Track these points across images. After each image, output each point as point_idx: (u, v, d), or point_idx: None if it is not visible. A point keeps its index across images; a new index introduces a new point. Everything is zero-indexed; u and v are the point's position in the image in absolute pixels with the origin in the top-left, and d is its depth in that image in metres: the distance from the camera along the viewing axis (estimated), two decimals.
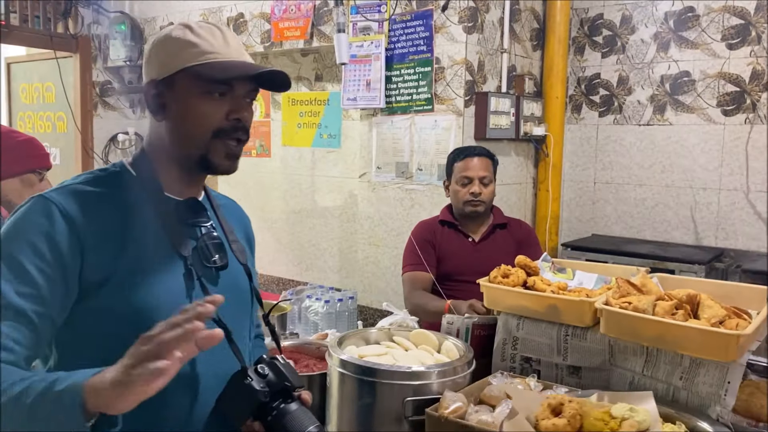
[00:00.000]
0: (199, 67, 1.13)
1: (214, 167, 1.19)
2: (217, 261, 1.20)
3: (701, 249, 3.53)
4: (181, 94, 1.15)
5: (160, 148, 1.21)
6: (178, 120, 1.17)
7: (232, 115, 1.16)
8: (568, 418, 1.18)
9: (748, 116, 3.47)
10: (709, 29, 3.55)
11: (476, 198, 2.52)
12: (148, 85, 1.17)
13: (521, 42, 3.68)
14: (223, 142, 1.16)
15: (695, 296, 1.61)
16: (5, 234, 1.05)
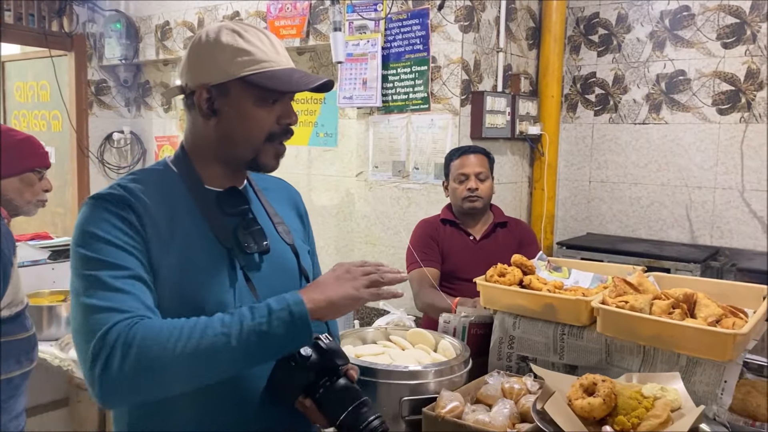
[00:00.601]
0: (257, 76, 1.16)
1: (263, 167, 1.25)
2: (256, 248, 1.24)
3: (697, 248, 3.54)
4: (236, 101, 1.18)
5: (204, 147, 1.25)
6: (232, 124, 1.20)
7: (283, 120, 1.22)
8: (603, 396, 1.19)
9: (743, 115, 3.48)
10: (704, 28, 3.56)
11: (473, 194, 2.56)
12: (200, 89, 1.19)
13: (517, 41, 3.68)
14: (273, 145, 1.23)
15: (692, 295, 1.62)
16: (90, 224, 1.10)
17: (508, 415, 1.49)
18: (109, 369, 0.98)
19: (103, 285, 1.05)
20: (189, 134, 1.27)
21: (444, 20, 3.21)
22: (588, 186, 4.04)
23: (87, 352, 1.00)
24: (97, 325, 1.01)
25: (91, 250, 1.08)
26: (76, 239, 1.11)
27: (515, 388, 1.61)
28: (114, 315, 1.02)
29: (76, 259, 1.09)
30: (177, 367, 1.00)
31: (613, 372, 1.66)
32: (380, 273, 1.14)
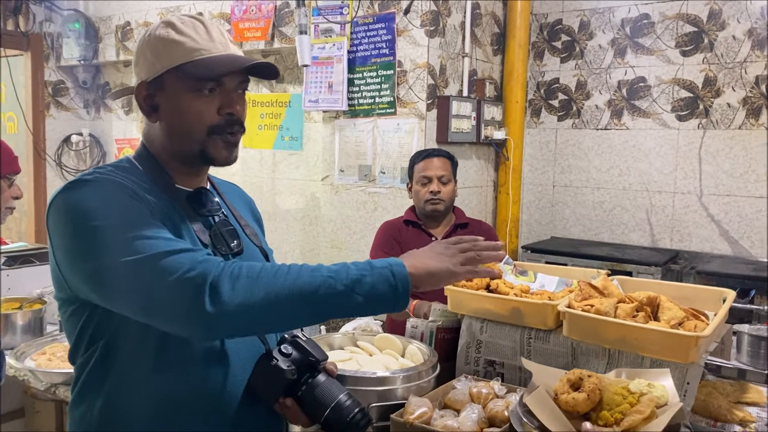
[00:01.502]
0: (186, 65, 1.12)
1: (215, 161, 1.20)
2: (233, 248, 1.22)
3: (657, 251, 3.61)
4: (171, 94, 1.15)
5: (160, 146, 1.21)
6: (172, 120, 1.17)
7: (224, 110, 1.16)
8: (588, 392, 1.19)
9: (701, 121, 3.57)
10: (663, 36, 3.64)
11: (435, 196, 2.57)
12: (139, 87, 1.17)
13: (482, 46, 3.71)
14: (221, 138, 1.17)
15: (655, 298, 1.64)
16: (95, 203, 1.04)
17: (477, 420, 1.48)
18: (220, 299, 0.95)
19: (157, 236, 1.01)
20: (145, 133, 1.24)
21: (410, 24, 3.22)
22: (552, 190, 4.09)
23: (178, 290, 0.96)
24: (179, 264, 0.97)
25: (112, 218, 1.02)
26: (82, 218, 1.02)
27: (483, 392, 1.61)
28: (196, 253, 1.00)
29: (97, 236, 1.01)
30: (288, 302, 0.98)
31: None
32: (476, 251, 1.14)
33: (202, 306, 0.94)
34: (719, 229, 3.55)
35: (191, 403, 1.12)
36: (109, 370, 1.09)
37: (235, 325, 0.99)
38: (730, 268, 3.13)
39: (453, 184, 2.63)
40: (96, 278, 1.02)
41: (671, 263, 3.43)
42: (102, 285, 1.02)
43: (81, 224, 1.03)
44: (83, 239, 1.03)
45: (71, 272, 1.05)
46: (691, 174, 3.62)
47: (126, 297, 1.01)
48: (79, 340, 1.11)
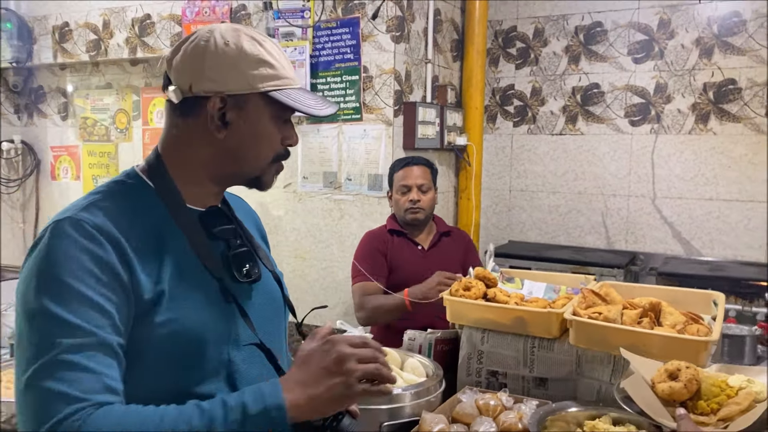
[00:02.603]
0: (279, 93, 1.08)
1: (265, 186, 1.16)
2: (252, 274, 1.14)
3: (615, 253, 3.70)
4: (252, 115, 1.09)
5: (196, 161, 1.10)
6: (243, 140, 1.10)
7: (287, 141, 1.15)
8: (685, 381, 1.18)
9: (653, 126, 3.68)
10: (616, 44, 3.75)
11: (415, 205, 2.56)
12: (214, 98, 1.06)
13: (443, 52, 3.71)
14: (277, 166, 1.16)
15: (657, 304, 1.66)
16: (54, 266, 0.93)
17: None
18: None
19: (59, 358, 0.88)
20: (175, 144, 1.11)
21: (375, 30, 3.17)
22: (509, 195, 4.14)
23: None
24: (44, 414, 0.86)
25: (55, 303, 0.91)
26: (39, 281, 0.93)
27: (491, 404, 1.58)
28: (65, 406, 0.86)
29: (35, 307, 0.92)
30: None
31: (583, 383, 1.67)
32: (378, 365, 0.98)
33: None
34: (672, 230, 3.68)
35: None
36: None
37: None
38: (688, 269, 3.24)
39: (433, 192, 2.63)
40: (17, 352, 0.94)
41: (630, 265, 3.53)
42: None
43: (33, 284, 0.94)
44: (28, 298, 0.94)
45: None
46: (645, 177, 3.73)
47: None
48: None
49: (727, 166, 3.50)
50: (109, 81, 4.38)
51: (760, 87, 3.38)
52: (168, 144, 1.12)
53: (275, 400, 0.91)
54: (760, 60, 3.37)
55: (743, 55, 3.41)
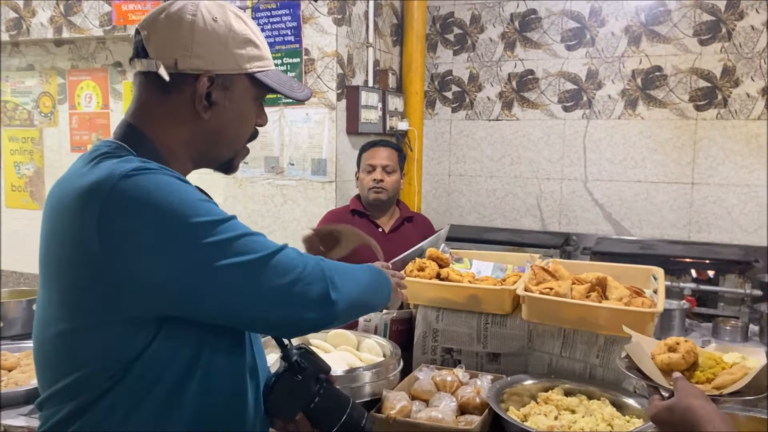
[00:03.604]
0: (264, 75, 1.07)
1: (233, 169, 1.15)
2: None
3: (550, 234, 3.83)
4: (238, 96, 1.06)
5: (178, 141, 1.04)
6: (227, 122, 1.06)
7: (258, 122, 1.13)
8: (683, 353, 1.24)
9: (584, 112, 3.82)
10: (550, 31, 3.85)
11: (378, 185, 2.58)
12: (203, 77, 1.01)
13: (383, 37, 3.71)
14: (247, 147, 1.15)
15: (604, 279, 1.73)
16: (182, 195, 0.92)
17: (455, 409, 1.49)
18: (337, 290, 1.03)
19: (249, 234, 0.96)
20: (155, 120, 1.03)
21: (317, 12, 3.14)
22: (448, 180, 4.20)
23: (303, 285, 0.98)
24: (293, 261, 0.99)
25: (207, 214, 0.92)
26: (178, 215, 0.90)
27: (448, 380, 1.62)
28: (294, 249, 1.02)
29: (198, 235, 0.90)
30: (367, 292, 1.17)
31: (534, 357, 1.73)
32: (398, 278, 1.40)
33: (328, 297, 1.01)
34: (603, 212, 3.83)
35: (228, 421, 1.02)
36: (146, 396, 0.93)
37: (345, 315, 1.07)
38: (619, 248, 3.39)
39: (398, 175, 2.65)
40: (193, 281, 0.90)
41: (565, 245, 3.66)
42: (198, 289, 0.91)
43: (176, 220, 0.90)
44: (181, 237, 0.90)
45: (148, 277, 0.89)
46: (577, 161, 3.87)
47: (232, 301, 0.93)
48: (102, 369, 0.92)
49: (653, 149, 3.67)
50: (31, 62, 4.16)
51: (684, 74, 3.56)
52: (145, 119, 1.04)
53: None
54: (684, 48, 3.55)
55: (668, 43, 3.58)
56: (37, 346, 1.00)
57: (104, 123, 4.07)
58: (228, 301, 0.93)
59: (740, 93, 3.46)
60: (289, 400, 1.09)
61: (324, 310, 1.00)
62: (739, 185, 3.51)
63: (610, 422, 1.43)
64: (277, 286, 0.95)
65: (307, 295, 0.98)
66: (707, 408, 0.98)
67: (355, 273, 1.14)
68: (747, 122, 3.46)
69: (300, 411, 1.11)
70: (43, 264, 0.97)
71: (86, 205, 0.89)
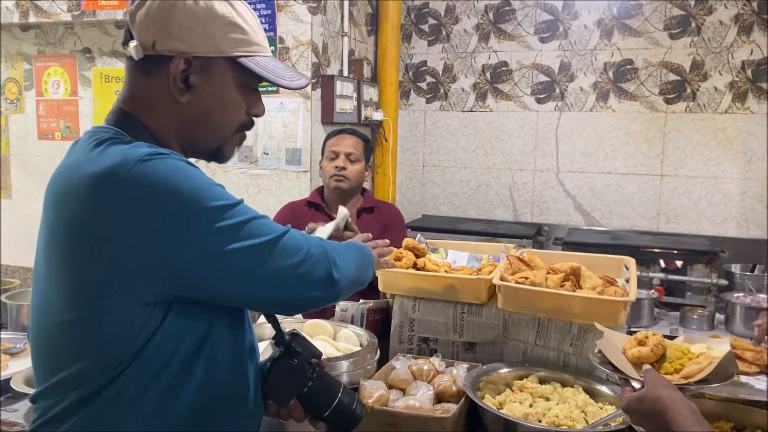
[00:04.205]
0: (250, 60, 1.04)
1: (224, 158, 1.13)
2: None
3: (523, 225, 3.87)
4: (218, 81, 1.04)
5: (166, 126, 1.04)
6: (208, 107, 1.05)
7: (252, 111, 1.11)
8: (652, 346, 1.30)
9: (557, 104, 3.86)
10: (523, 23, 3.88)
11: (340, 173, 2.49)
12: (178, 58, 1.00)
13: (358, 26, 3.70)
14: (239, 136, 1.13)
15: (578, 268, 1.75)
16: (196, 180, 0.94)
17: (432, 397, 1.50)
18: (339, 269, 1.06)
19: (258, 218, 0.98)
20: (142, 104, 1.03)
21: (291, 0, 3.11)
22: (422, 170, 4.21)
23: (310, 266, 1.02)
24: (298, 243, 1.02)
25: (221, 198, 0.95)
26: (194, 199, 0.91)
27: (425, 369, 1.63)
28: (297, 231, 1.05)
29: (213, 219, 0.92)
30: (362, 268, 1.20)
31: (510, 345, 1.75)
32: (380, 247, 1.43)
33: (332, 276, 1.05)
34: (574, 202, 3.89)
35: (228, 403, 1.03)
36: (153, 380, 0.94)
37: (345, 292, 1.12)
38: (590, 238, 3.44)
39: (362, 164, 2.56)
40: (207, 264, 0.93)
41: (538, 236, 3.70)
42: (213, 271, 0.94)
43: (192, 204, 0.91)
44: (197, 221, 0.91)
45: (163, 261, 0.90)
46: (549, 153, 3.92)
47: (246, 282, 0.97)
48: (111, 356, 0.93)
49: (624, 141, 3.73)
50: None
51: (654, 67, 3.62)
52: (134, 103, 1.04)
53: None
54: (655, 42, 3.60)
55: (640, 36, 3.63)
56: (37, 335, 1.00)
57: (73, 110, 3.99)
58: (240, 284, 0.96)
59: (708, 87, 3.53)
60: (285, 383, 1.11)
61: (329, 288, 1.05)
62: (706, 177, 3.59)
63: (583, 409, 1.46)
64: (285, 267, 0.99)
65: (313, 275, 1.02)
66: (674, 396, 1.04)
67: (347, 251, 1.16)
68: (715, 116, 3.53)
69: (294, 396, 1.12)
70: (47, 252, 0.96)
71: (101, 190, 0.90)
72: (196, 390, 0.97)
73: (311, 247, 1.04)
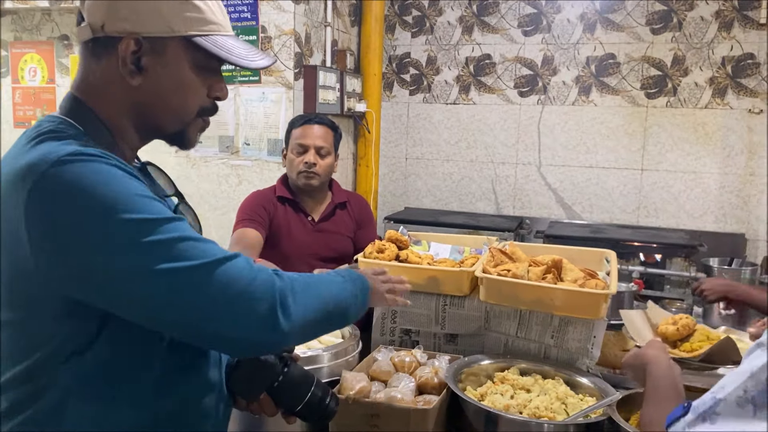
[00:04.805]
0: (206, 40, 0.99)
1: (188, 143, 1.07)
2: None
3: (505, 218, 3.88)
4: (172, 62, 0.99)
5: (118, 111, 1.00)
6: (162, 89, 1.00)
7: (214, 93, 1.06)
8: (679, 326, 1.49)
9: (540, 97, 3.87)
10: (507, 16, 3.87)
11: (311, 169, 2.30)
12: (128, 39, 0.95)
13: (341, 16, 3.67)
14: (202, 120, 1.07)
15: (559, 261, 1.76)
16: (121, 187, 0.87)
17: (414, 388, 1.50)
18: (289, 313, 0.93)
19: (197, 237, 0.90)
20: (93, 89, 0.99)
21: None
22: (405, 162, 4.20)
23: (246, 303, 0.89)
24: (239, 273, 0.90)
25: (145, 211, 0.87)
26: (108, 208, 0.84)
27: (406, 361, 1.63)
28: (247, 259, 0.94)
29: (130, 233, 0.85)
30: (333, 312, 1.05)
31: (491, 337, 1.76)
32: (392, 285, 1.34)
33: (276, 320, 0.91)
34: (555, 196, 3.91)
35: (188, 399, 1.00)
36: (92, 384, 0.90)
37: (298, 338, 1.01)
38: (571, 232, 3.46)
39: (333, 157, 2.37)
40: (120, 282, 0.85)
41: (519, 229, 3.71)
42: (128, 291, 0.86)
43: (107, 215, 0.84)
44: (111, 234, 0.84)
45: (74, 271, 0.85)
46: (531, 146, 3.93)
47: (166, 308, 0.86)
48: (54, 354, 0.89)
49: (606, 135, 3.75)
50: None
51: (636, 62, 3.64)
52: (86, 89, 1.00)
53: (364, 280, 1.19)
54: (637, 37, 3.62)
55: (622, 31, 3.65)
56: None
57: (50, 98, 3.92)
58: (158, 308, 0.87)
59: (689, 82, 3.56)
60: (252, 379, 1.08)
61: (266, 331, 0.91)
62: (686, 172, 3.62)
63: (563, 400, 1.47)
64: (216, 298, 0.87)
65: (249, 313, 0.89)
66: (659, 356, 1.23)
67: (321, 287, 1.04)
68: (695, 111, 3.56)
69: (264, 390, 1.10)
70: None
71: (18, 188, 0.85)
72: (151, 387, 0.94)
73: (255, 279, 0.90)
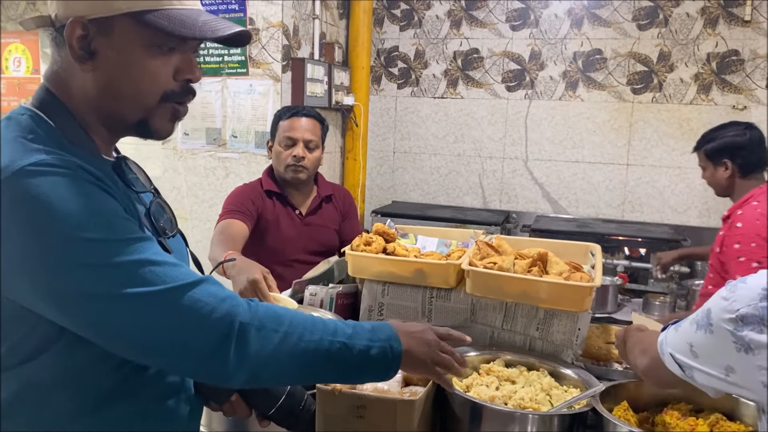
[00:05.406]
0: (152, 15, 0.91)
1: (156, 133, 0.99)
2: (169, 232, 1.05)
3: (492, 212, 3.90)
4: (120, 43, 0.92)
5: (84, 102, 0.95)
6: (117, 75, 0.94)
7: (181, 75, 0.97)
8: None
9: (527, 92, 3.88)
10: (495, 10, 3.88)
11: (299, 163, 2.30)
12: (73, 24, 0.90)
13: (330, 9, 3.66)
14: (172, 106, 0.98)
15: (545, 254, 1.77)
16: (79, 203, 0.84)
17: (400, 380, 1.51)
18: (245, 349, 0.88)
19: (161, 260, 0.87)
20: (58, 80, 0.96)
21: None
22: (392, 156, 4.21)
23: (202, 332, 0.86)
24: (200, 302, 0.86)
25: (107, 231, 0.84)
26: (63, 224, 0.82)
27: None
28: (213, 286, 0.90)
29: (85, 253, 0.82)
30: (310, 363, 0.95)
31: (477, 329, 1.77)
32: (451, 360, 1.16)
33: (226, 354, 0.87)
34: (542, 190, 3.93)
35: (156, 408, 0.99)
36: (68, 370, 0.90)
37: (254, 376, 0.91)
38: (557, 226, 3.49)
39: (320, 151, 2.37)
40: (73, 303, 0.83)
41: (506, 223, 3.73)
42: (81, 313, 0.84)
43: (64, 234, 0.82)
44: (66, 253, 0.82)
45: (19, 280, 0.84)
46: (518, 141, 3.94)
47: (115, 333, 0.85)
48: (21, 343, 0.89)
49: (592, 131, 3.78)
50: None
51: (622, 57, 3.66)
52: (53, 79, 0.97)
53: (394, 334, 1.05)
54: (624, 32, 3.65)
55: (609, 27, 3.67)
56: None
57: (35, 89, 3.87)
58: (107, 332, 0.85)
59: (675, 78, 3.59)
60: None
61: (213, 364, 0.87)
62: (670, 167, 3.65)
63: (548, 392, 1.48)
64: (167, 327, 0.85)
65: (197, 344, 0.86)
66: (641, 332, 1.34)
67: (314, 331, 0.96)
68: (680, 106, 3.60)
69: (232, 393, 1.07)
70: None
71: None
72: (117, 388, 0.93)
73: (215, 310, 0.87)
